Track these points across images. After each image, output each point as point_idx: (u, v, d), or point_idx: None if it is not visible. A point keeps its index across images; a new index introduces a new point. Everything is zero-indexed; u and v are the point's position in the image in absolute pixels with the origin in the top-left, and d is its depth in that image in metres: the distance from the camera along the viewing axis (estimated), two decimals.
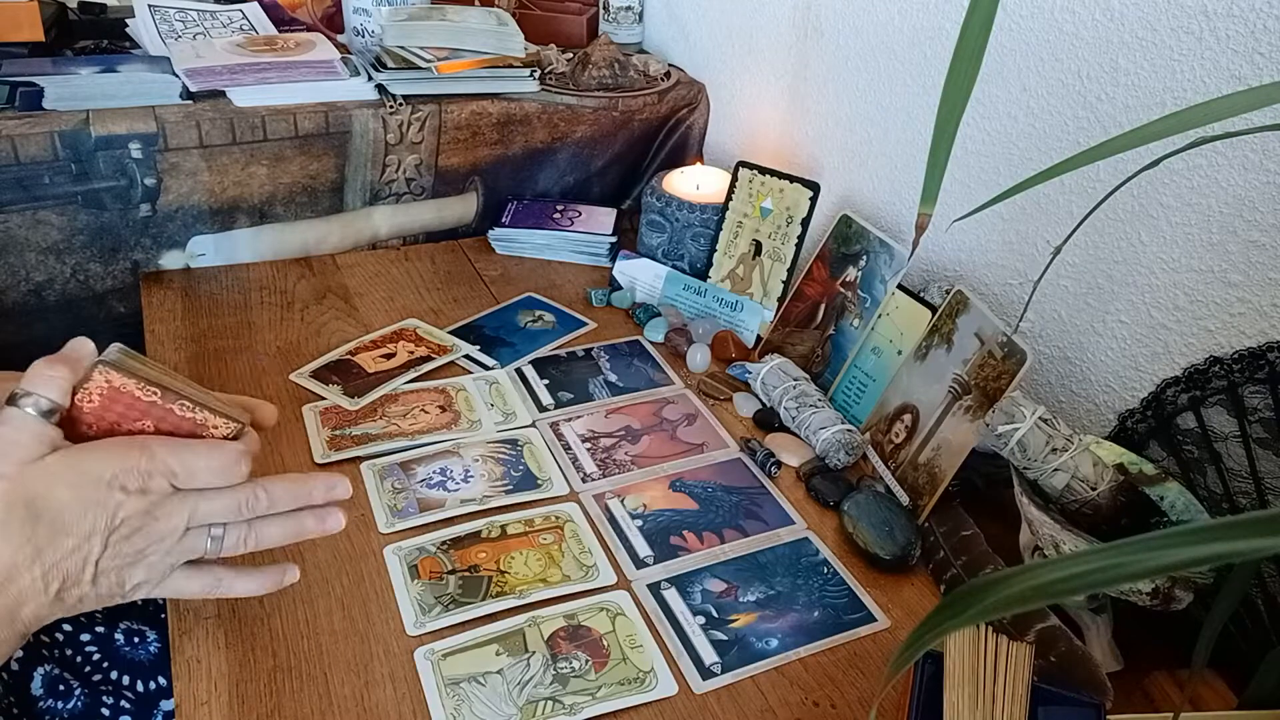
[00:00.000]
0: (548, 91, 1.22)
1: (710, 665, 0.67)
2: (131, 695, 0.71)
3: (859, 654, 0.69)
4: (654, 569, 0.75)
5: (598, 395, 0.95)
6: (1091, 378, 0.83)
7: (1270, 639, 0.65)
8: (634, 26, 1.45)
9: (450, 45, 1.18)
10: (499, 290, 1.12)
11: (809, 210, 1.02)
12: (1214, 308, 0.72)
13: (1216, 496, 0.70)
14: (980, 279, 0.93)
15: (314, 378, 0.94)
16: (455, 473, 0.83)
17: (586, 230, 1.20)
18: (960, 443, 0.77)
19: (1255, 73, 0.67)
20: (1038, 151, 0.85)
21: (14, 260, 1.01)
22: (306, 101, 1.09)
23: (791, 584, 0.74)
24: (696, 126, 1.33)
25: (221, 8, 1.32)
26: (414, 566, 0.73)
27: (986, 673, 0.56)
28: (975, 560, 0.73)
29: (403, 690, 0.64)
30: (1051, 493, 0.70)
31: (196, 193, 1.06)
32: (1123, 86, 0.76)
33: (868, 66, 1.03)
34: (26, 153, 0.96)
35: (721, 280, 1.08)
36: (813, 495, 0.83)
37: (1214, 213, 0.71)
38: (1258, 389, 0.67)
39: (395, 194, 1.18)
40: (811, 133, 1.15)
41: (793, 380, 0.92)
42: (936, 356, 0.83)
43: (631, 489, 0.83)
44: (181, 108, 1.03)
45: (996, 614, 0.32)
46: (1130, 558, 0.29)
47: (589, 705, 0.63)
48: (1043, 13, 0.82)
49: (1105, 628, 0.69)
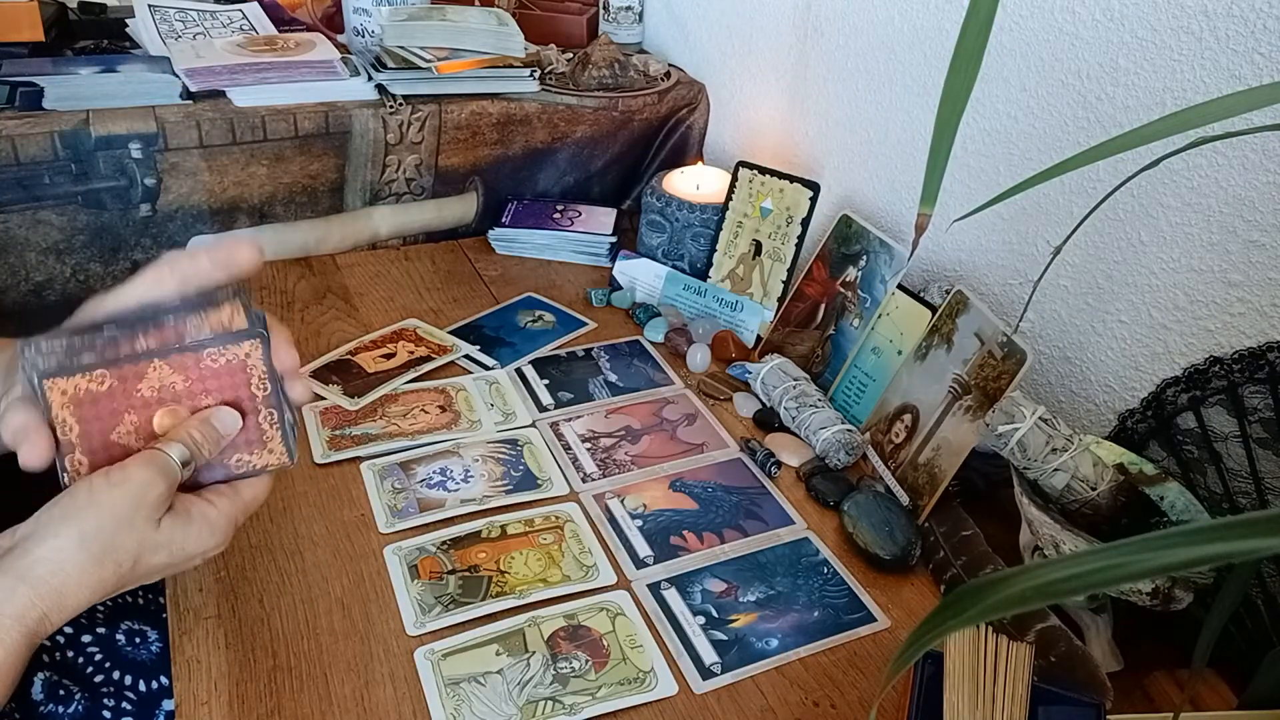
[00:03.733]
0: (548, 91, 1.22)
1: (710, 665, 0.67)
2: (133, 695, 0.71)
3: (859, 654, 0.69)
4: (654, 569, 0.75)
5: (598, 395, 0.95)
6: (1091, 378, 0.84)
7: (1270, 639, 0.65)
8: (634, 26, 1.45)
9: (450, 45, 1.18)
10: (499, 290, 1.12)
11: (809, 210, 1.02)
12: (1214, 308, 0.72)
13: (1216, 496, 0.70)
14: (980, 279, 0.93)
15: (314, 378, 0.94)
16: (455, 473, 0.83)
17: (586, 230, 1.20)
18: (960, 443, 0.77)
19: (1255, 73, 0.67)
20: (1038, 151, 0.85)
21: (14, 260, 1.01)
22: (306, 101, 1.09)
23: (791, 584, 0.74)
24: (696, 126, 1.33)
25: (221, 8, 1.32)
26: (414, 566, 0.73)
27: (986, 673, 0.56)
28: (975, 560, 0.73)
29: (403, 690, 0.64)
30: (1051, 493, 0.70)
31: (196, 193, 1.06)
32: (1123, 86, 0.76)
33: (868, 66, 1.03)
34: (26, 153, 0.96)
35: (721, 280, 1.08)
36: (813, 495, 0.83)
37: (1214, 213, 0.71)
38: (1258, 389, 0.67)
39: (395, 194, 1.18)
40: (811, 133, 1.15)
41: (793, 380, 0.92)
42: (936, 356, 0.83)
43: (631, 489, 0.83)
44: (181, 108, 1.03)
45: (996, 614, 0.32)
46: (1130, 558, 0.29)
47: (589, 705, 0.63)
48: (1043, 13, 0.82)
49: (1105, 628, 0.69)
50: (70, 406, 0.54)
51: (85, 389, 0.54)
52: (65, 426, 0.54)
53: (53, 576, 0.50)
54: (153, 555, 0.54)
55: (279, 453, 0.59)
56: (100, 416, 0.55)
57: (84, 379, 0.54)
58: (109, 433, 0.55)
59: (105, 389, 0.55)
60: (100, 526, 0.51)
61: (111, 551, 0.52)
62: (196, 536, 0.56)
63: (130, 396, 0.55)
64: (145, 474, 0.53)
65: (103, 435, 0.55)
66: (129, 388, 0.55)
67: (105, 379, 0.55)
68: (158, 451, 0.54)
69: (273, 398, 0.58)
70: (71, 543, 0.51)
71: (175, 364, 0.56)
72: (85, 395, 0.54)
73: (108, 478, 0.53)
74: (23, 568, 0.50)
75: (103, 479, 0.53)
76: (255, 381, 0.58)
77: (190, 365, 0.56)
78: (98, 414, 0.55)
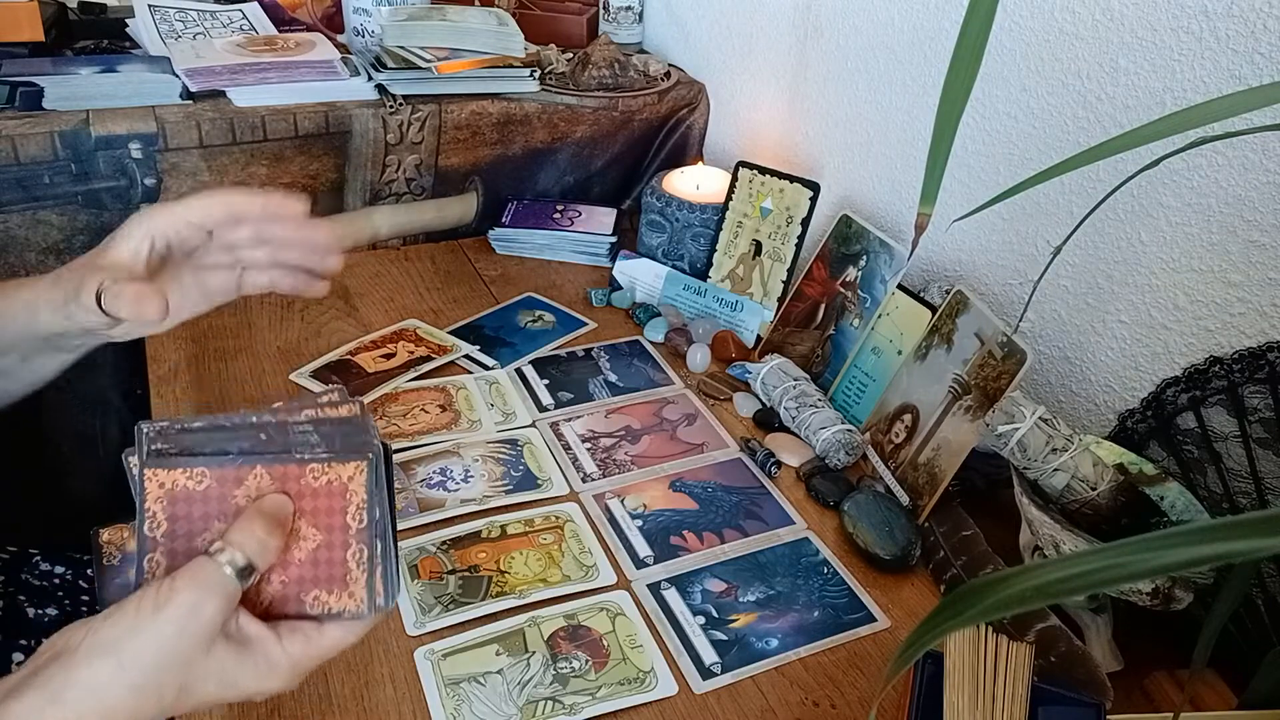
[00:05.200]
0: (548, 91, 1.22)
1: (710, 665, 0.67)
2: None
3: (859, 654, 0.69)
4: (654, 569, 0.75)
5: (598, 395, 0.95)
6: (1091, 378, 0.83)
7: (1270, 639, 0.65)
8: (634, 26, 1.45)
9: (450, 45, 1.18)
10: (499, 290, 1.12)
11: (809, 210, 1.02)
12: (1214, 308, 0.72)
13: (1216, 496, 0.70)
14: (980, 279, 0.93)
15: (314, 378, 0.94)
16: (455, 473, 0.83)
17: (586, 230, 1.19)
18: (960, 443, 0.77)
19: (1255, 73, 0.67)
20: (1038, 151, 0.85)
21: (14, 260, 1.01)
22: (306, 101, 1.09)
23: (791, 584, 0.74)
24: (696, 126, 1.33)
25: (221, 8, 1.32)
26: (414, 566, 0.73)
27: (986, 673, 0.56)
28: (975, 560, 0.73)
29: (403, 690, 0.64)
30: (1051, 493, 0.70)
31: (197, 193, 1.06)
32: (1123, 86, 0.76)
33: (868, 66, 1.03)
34: (26, 153, 0.96)
35: (721, 280, 1.08)
36: (813, 495, 0.83)
37: (1214, 213, 0.71)
38: (1258, 389, 0.67)
39: (395, 194, 1.18)
40: (811, 133, 1.15)
41: (793, 380, 0.92)
42: (936, 356, 0.82)
43: (631, 489, 0.83)
44: (181, 108, 1.03)
45: (996, 614, 0.32)
46: (1130, 558, 0.29)
47: (589, 705, 0.63)
48: (1043, 13, 0.82)
49: (1105, 628, 0.69)
50: (164, 501, 0.49)
51: (183, 485, 0.49)
52: (155, 522, 0.49)
53: (83, 701, 0.46)
54: (201, 684, 0.48)
55: (359, 599, 0.51)
56: (191, 518, 0.50)
57: (184, 474, 0.49)
58: (195, 537, 0.50)
59: (202, 489, 0.50)
60: (139, 654, 0.46)
61: (153, 681, 0.47)
62: (252, 672, 0.49)
63: (225, 501, 0.50)
64: (193, 596, 0.47)
65: (188, 539, 0.50)
66: (226, 491, 0.50)
67: (205, 478, 0.50)
68: (209, 561, 0.48)
69: (368, 533, 0.50)
70: (108, 670, 0.46)
71: (277, 474, 0.50)
72: (181, 492, 0.49)
73: (155, 598, 0.47)
74: (58, 685, 0.46)
75: (150, 599, 0.47)
76: (352, 510, 0.50)
77: (292, 477, 0.50)
78: (189, 514, 0.50)
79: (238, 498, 0.50)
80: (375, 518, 0.51)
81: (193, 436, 0.50)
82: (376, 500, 0.50)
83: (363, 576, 0.51)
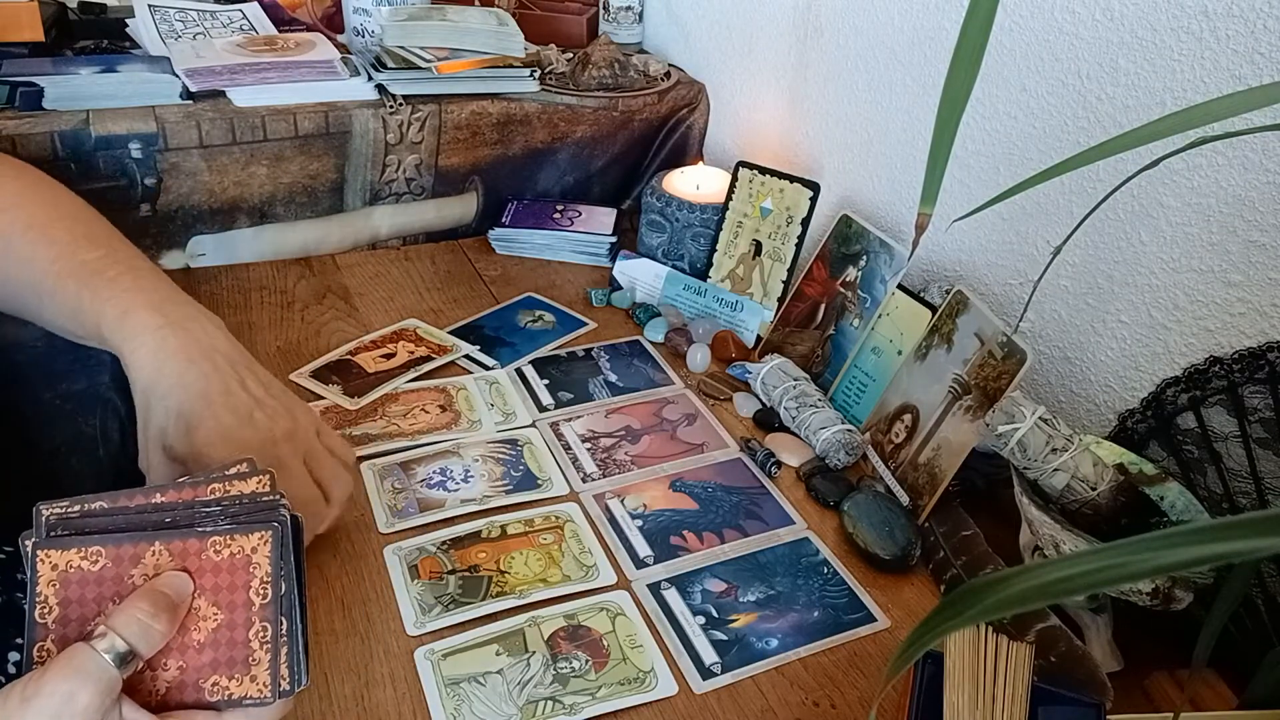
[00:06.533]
0: (548, 91, 1.22)
1: (710, 665, 0.67)
2: None
3: (859, 654, 0.69)
4: (654, 569, 0.75)
5: (598, 395, 0.95)
6: (1091, 378, 0.83)
7: (1270, 639, 0.65)
8: (634, 26, 1.45)
9: (450, 45, 1.18)
10: (499, 290, 1.12)
11: (809, 210, 1.02)
12: (1214, 308, 0.72)
13: (1216, 496, 0.70)
14: (980, 279, 0.93)
15: (314, 378, 0.94)
16: (455, 473, 0.83)
17: (586, 230, 1.19)
18: (960, 443, 0.77)
19: (1255, 73, 0.67)
20: (1038, 151, 0.85)
21: None
22: (306, 101, 1.09)
23: (791, 584, 0.74)
24: (696, 126, 1.33)
25: (221, 8, 1.32)
26: (414, 566, 0.73)
27: (986, 673, 0.56)
28: (975, 560, 0.73)
29: (403, 690, 0.64)
30: (1051, 493, 0.70)
31: (196, 193, 1.06)
32: (1123, 86, 0.76)
33: (868, 66, 1.03)
34: (26, 153, 0.96)
35: (721, 280, 1.08)
36: (813, 495, 0.83)
37: (1214, 213, 0.71)
38: (1258, 389, 0.67)
39: (395, 194, 1.18)
40: (811, 133, 1.15)
41: (793, 380, 0.92)
42: (936, 356, 0.82)
43: (631, 489, 0.83)
44: (181, 108, 1.03)
45: (996, 614, 0.32)
46: (1130, 558, 0.29)
47: (589, 705, 0.63)
48: (1043, 13, 0.82)
49: (1105, 628, 0.69)
50: (55, 584, 0.46)
51: (77, 565, 0.46)
52: (45, 607, 0.46)
53: None
54: None
55: (262, 683, 0.47)
56: (84, 601, 0.47)
57: (78, 554, 0.46)
58: (89, 621, 0.46)
59: (97, 569, 0.47)
60: None
61: None
62: None
63: (121, 582, 0.47)
64: (66, 685, 0.42)
65: (80, 623, 0.46)
66: (122, 571, 0.47)
67: (100, 557, 0.47)
68: (84, 647, 0.43)
69: (272, 609, 0.47)
70: None
71: (176, 549, 0.47)
72: (75, 574, 0.46)
73: (23, 690, 0.42)
74: None
75: (18, 692, 0.42)
76: (256, 585, 0.47)
77: (193, 552, 0.47)
78: (83, 597, 0.47)
79: (134, 577, 0.47)
80: (281, 592, 0.47)
81: (95, 519, 0.47)
82: (283, 574, 0.47)
83: (266, 658, 0.47)
